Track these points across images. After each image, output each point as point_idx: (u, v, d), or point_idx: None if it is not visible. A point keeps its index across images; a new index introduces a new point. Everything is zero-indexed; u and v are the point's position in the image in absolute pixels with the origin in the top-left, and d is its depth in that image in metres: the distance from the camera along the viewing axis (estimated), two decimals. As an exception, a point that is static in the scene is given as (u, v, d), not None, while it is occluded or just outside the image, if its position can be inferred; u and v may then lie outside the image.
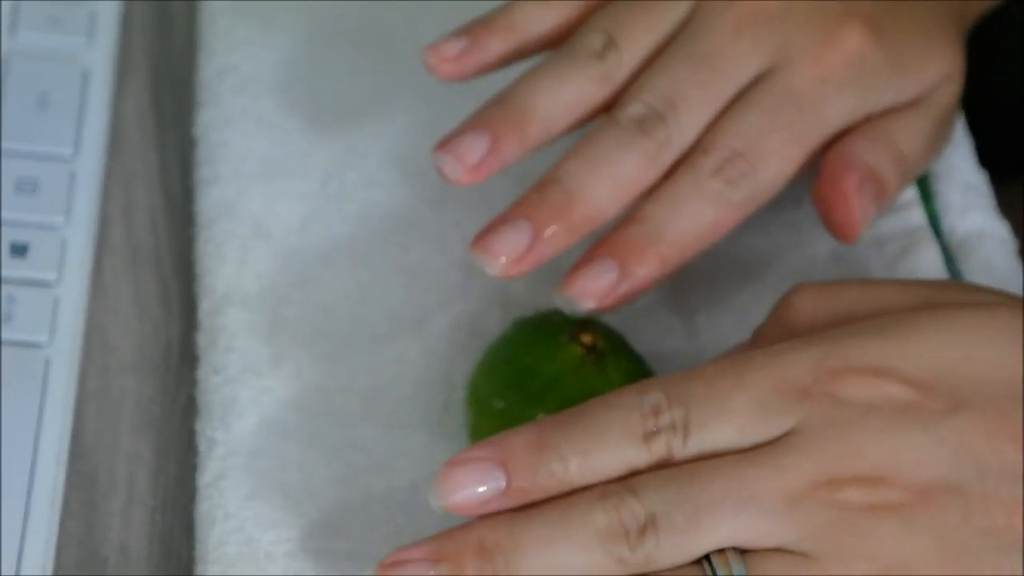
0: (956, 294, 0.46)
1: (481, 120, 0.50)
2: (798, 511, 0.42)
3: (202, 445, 0.51)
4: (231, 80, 0.58)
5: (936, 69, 0.52)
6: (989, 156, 0.58)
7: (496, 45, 0.52)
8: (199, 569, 0.48)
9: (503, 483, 0.43)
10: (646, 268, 0.48)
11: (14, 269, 0.53)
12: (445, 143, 0.50)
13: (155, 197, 0.57)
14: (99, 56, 0.59)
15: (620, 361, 0.49)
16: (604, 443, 0.43)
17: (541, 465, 0.43)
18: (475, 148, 0.50)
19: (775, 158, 0.49)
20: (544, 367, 0.48)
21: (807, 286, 0.47)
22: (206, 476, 0.50)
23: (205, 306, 0.53)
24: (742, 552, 0.42)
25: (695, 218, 0.49)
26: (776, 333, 0.47)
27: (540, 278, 0.51)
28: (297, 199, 0.56)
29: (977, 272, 0.54)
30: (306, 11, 0.61)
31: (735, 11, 0.50)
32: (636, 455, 0.43)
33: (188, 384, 0.53)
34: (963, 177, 0.56)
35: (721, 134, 0.49)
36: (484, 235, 0.49)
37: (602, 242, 0.49)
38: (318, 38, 0.60)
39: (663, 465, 0.43)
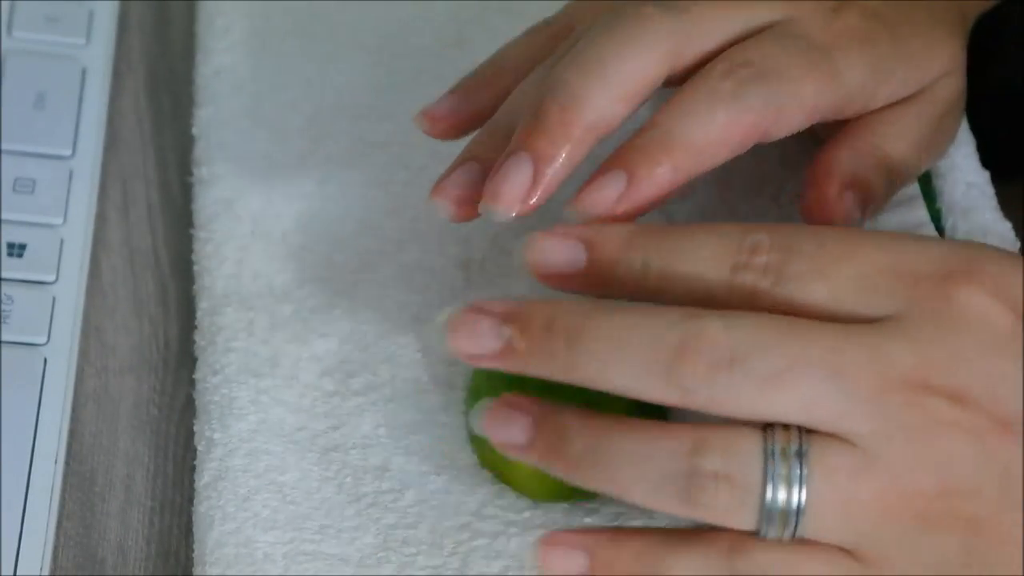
0: None
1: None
2: (883, 405, 0.41)
3: (200, 446, 0.50)
4: (229, 79, 0.58)
5: (939, 61, 0.52)
6: (990, 156, 0.58)
7: (487, 95, 0.52)
8: (197, 570, 0.48)
9: (583, 262, 0.44)
10: (656, 173, 0.46)
11: (12, 269, 0.53)
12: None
13: (153, 196, 0.57)
14: (97, 55, 0.59)
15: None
16: (692, 260, 0.43)
17: (624, 258, 0.43)
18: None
19: (789, 77, 0.48)
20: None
21: None
22: (204, 477, 0.50)
23: (203, 306, 0.53)
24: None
25: (706, 121, 0.47)
26: None
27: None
28: (296, 199, 0.56)
29: (980, 271, 0.54)
30: (305, 11, 0.60)
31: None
32: (718, 281, 0.42)
33: (186, 384, 0.53)
34: (966, 176, 0.56)
35: (735, 49, 0.48)
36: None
37: (613, 155, 0.47)
38: (317, 38, 0.60)
39: (745, 305, 0.42)
